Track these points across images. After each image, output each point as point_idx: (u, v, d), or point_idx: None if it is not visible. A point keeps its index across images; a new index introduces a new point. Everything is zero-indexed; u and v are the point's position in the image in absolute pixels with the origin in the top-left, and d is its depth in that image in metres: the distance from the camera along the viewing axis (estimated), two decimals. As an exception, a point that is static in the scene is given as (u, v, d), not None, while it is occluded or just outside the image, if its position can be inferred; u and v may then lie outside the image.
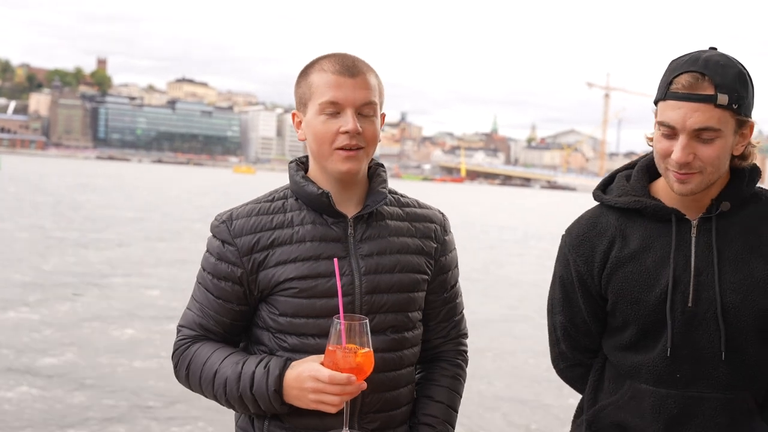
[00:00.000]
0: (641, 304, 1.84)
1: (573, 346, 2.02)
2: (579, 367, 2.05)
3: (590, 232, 1.93)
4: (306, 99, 1.78)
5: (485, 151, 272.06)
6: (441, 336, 1.95)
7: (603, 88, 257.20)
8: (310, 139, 1.77)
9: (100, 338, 9.45)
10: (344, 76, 1.73)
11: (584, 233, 1.94)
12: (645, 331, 1.85)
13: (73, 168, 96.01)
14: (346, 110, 1.73)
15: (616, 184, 1.97)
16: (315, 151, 1.78)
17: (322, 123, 1.74)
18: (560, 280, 1.99)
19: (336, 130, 1.73)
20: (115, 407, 6.93)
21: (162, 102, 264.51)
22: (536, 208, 63.18)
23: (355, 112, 1.73)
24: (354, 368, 1.60)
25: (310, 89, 1.77)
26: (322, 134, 1.74)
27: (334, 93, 1.72)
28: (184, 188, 54.90)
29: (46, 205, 29.58)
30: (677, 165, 1.75)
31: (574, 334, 2.00)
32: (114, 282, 13.45)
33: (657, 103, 1.79)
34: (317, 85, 1.75)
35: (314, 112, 1.75)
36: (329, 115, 1.73)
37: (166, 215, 28.42)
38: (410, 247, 1.84)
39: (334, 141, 1.74)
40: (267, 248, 1.75)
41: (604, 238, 1.91)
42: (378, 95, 1.79)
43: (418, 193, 2.91)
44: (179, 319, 1.85)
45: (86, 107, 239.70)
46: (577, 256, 1.93)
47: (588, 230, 1.94)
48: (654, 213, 1.85)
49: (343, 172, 1.76)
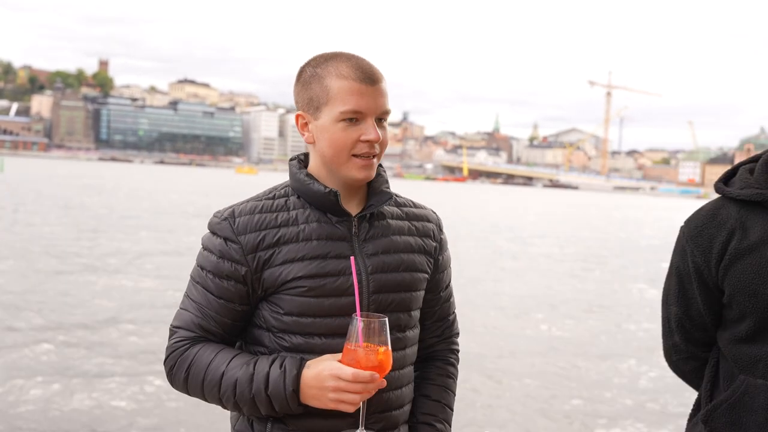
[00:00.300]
0: (759, 297, 1.81)
1: (687, 338, 2.03)
2: (692, 360, 2.05)
3: (709, 223, 1.92)
4: (320, 103, 1.74)
5: (487, 150, 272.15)
6: (435, 335, 1.96)
7: (605, 87, 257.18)
8: (325, 145, 1.75)
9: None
10: (366, 84, 1.71)
11: (703, 225, 1.93)
12: (762, 324, 1.83)
13: (77, 170, 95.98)
14: (366, 119, 1.71)
15: (739, 177, 1.95)
16: (329, 156, 1.75)
17: (342, 130, 1.71)
18: (677, 271, 1.99)
19: (356, 138, 1.72)
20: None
21: (164, 103, 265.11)
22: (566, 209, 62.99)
23: (374, 120, 1.73)
24: (376, 366, 1.60)
25: (327, 94, 1.72)
26: (342, 142, 1.72)
27: (358, 101, 1.70)
28: (194, 189, 54.83)
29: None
30: None
31: (689, 326, 2.00)
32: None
33: None
34: (337, 91, 1.71)
35: (332, 118, 1.72)
36: (349, 123, 1.71)
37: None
38: (413, 246, 1.85)
39: (354, 148, 1.73)
40: (273, 246, 1.72)
41: (723, 229, 1.89)
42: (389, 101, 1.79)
43: (421, 192, 2.94)
44: (173, 320, 1.80)
45: (88, 109, 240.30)
46: (695, 247, 1.92)
47: (707, 222, 1.93)
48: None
49: (358, 180, 1.76)
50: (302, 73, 1.78)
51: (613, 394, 8.26)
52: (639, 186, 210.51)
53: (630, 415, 7.59)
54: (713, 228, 1.91)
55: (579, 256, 23.36)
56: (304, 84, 1.77)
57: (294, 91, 1.80)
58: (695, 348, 2.03)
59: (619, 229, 38.28)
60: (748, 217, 1.88)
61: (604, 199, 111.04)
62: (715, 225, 1.91)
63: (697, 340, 2.02)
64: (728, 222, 1.90)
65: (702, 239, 1.92)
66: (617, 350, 10.41)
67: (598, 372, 9.18)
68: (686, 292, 1.97)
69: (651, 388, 8.53)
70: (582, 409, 7.68)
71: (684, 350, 2.05)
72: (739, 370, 1.89)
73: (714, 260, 1.90)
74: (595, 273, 19.37)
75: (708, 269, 1.91)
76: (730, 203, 1.92)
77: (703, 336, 2.01)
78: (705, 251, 1.91)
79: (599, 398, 8.08)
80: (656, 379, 8.92)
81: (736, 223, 1.88)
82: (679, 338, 2.04)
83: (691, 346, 2.04)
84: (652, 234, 35.94)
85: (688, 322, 2.00)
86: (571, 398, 8.00)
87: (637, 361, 9.79)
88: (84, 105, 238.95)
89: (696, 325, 1.99)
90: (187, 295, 1.79)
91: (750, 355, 1.86)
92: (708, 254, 1.91)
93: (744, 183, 1.91)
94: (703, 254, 1.91)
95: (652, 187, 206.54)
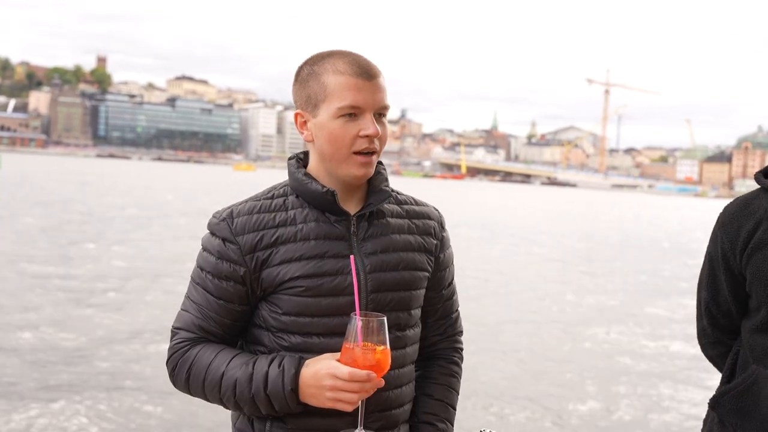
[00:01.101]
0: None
1: (713, 324, 2.05)
2: (719, 345, 2.07)
3: (741, 211, 1.95)
4: (318, 100, 1.74)
5: (485, 147, 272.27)
6: (438, 333, 1.95)
7: (603, 84, 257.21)
8: (323, 142, 1.75)
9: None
10: (363, 79, 1.71)
11: (735, 212, 1.96)
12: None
13: (74, 166, 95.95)
14: (365, 114, 1.72)
15: None
16: (329, 153, 1.75)
17: (341, 126, 1.71)
18: (709, 257, 2.03)
19: (355, 134, 1.72)
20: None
21: (162, 100, 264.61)
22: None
23: (373, 115, 1.73)
24: (373, 365, 1.59)
25: (324, 90, 1.73)
26: (341, 138, 1.72)
27: (355, 96, 1.70)
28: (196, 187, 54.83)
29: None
30: None
31: (715, 312, 2.03)
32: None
33: None
34: (334, 87, 1.71)
35: (330, 114, 1.72)
36: (348, 119, 1.71)
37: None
38: (412, 244, 1.85)
39: (353, 144, 1.73)
40: (270, 246, 1.72)
41: (752, 218, 1.91)
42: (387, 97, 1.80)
43: (419, 189, 2.95)
44: (174, 321, 1.80)
45: (86, 105, 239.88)
46: (724, 233, 1.95)
47: (739, 210, 1.95)
48: None
49: (358, 177, 1.76)
50: (300, 72, 1.79)
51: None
52: (637, 184, 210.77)
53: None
54: (744, 217, 1.93)
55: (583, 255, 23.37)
56: (301, 82, 1.77)
57: (293, 90, 1.81)
58: (721, 334, 2.06)
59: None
60: None
61: (601, 196, 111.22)
62: (746, 214, 1.93)
63: (723, 326, 2.04)
64: (758, 212, 1.91)
65: (732, 227, 1.94)
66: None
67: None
68: (715, 278, 2.00)
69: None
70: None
71: (711, 335, 2.08)
72: (753, 359, 1.90)
73: (739, 248, 1.91)
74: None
75: (734, 256, 1.93)
76: (765, 194, 1.93)
77: (729, 323, 2.03)
78: (733, 238, 1.93)
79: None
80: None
81: (765, 213, 1.89)
82: (707, 323, 2.07)
83: (717, 331, 2.06)
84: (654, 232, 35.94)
85: (715, 308, 2.03)
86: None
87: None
88: (82, 101, 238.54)
89: (722, 312, 2.02)
90: (187, 297, 1.79)
91: (763, 344, 1.87)
92: (735, 241, 1.92)
93: None
94: (730, 241, 1.93)
95: (649, 185, 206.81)
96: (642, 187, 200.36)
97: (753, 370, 1.88)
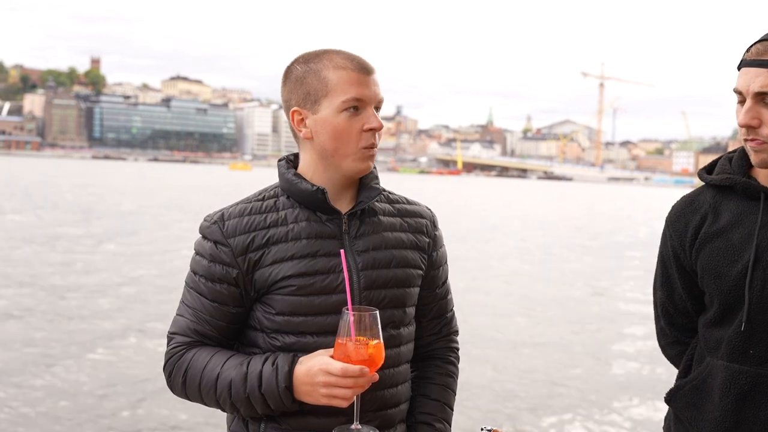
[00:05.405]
0: (723, 279, 1.85)
1: (670, 323, 2.06)
2: (678, 345, 2.07)
3: (687, 208, 1.98)
4: (319, 96, 1.74)
5: (481, 143, 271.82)
6: (433, 333, 1.95)
7: (598, 78, 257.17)
8: (326, 137, 1.74)
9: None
10: (363, 74, 1.73)
11: (681, 210, 1.99)
12: (726, 306, 1.86)
13: (71, 168, 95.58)
14: (367, 107, 1.73)
15: (719, 165, 1.99)
16: (332, 149, 1.75)
17: (346, 120, 1.72)
18: (660, 256, 2.04)
19: (359, 128, 1.73)
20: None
21: (157, 100, 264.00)
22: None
23: (373, 109, 1.75)
24: (366, 360, 1.58)
25: (326, 86, 1.73)
26: (347, 132, 1.72)
27: (358, 90, 1.71)
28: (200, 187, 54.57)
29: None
30: (744, 130, 1.77)
31: (672, 311, 2.04)
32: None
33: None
34: (336, 81, 1.72)
35: (334, 109, 1.72)
36: (352, 112, 1.72)
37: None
38: (405, 242, 1.84)
39: (359, 140, 1.74)
40: (262, 247, 1.72)
41: (697, 214, 1.94)
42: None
43: (416, 186, 2.94)
44: (170, 327, 1.80)
45: (81, 107, 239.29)
46: (673, 231, 1.98)
47: (685, 207, 1.99)
48: (744, 190, 1.87)
49: (360, 170, 1.77)
50: (292, 71, 1.78)
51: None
52: (633, 177, 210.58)
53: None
54: (690, 213, 1.97)
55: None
56: (297, 81, 1.76)
57: (284, 90, 1.80)
58: (679, 333, 2.06)
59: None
60: (721, 202, 1.92)
61: (598, 190, 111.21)
62: (691, 210, 1.97)
63: (681, 325, 2.05)
64: (703, 207, 1.95)
65: (679, 224, 1.97)
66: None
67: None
68: (669, 277, 2.02)
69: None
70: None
71: (669, 335, 2.08)
72: (707, 352, 1.92)
73: (688, 243, 1.94)
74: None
75: (684, 252, 1.95)
76: (708, 189, 1.97)
77: (686, 321, 2.03)
78: (681, 235, 1.96)
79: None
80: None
81: (710, 207, 1.93)
82: (665, 323, 2.07)
83: (675, 331, 2.06)
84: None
85: (672, 307, 2.04)
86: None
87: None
88: (76, 103, 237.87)
89: (679, 310, 2.03)
90: (182, 301, 1.79)
91: (716, 337, 1.89)
92: (683, 238, 1.95)
93: (721, 170, 1.96)
94: (679, 238, 1.96)
95: (646, 177, 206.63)
96: (638, 179, 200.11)
97: (707, 363, 1.90)
